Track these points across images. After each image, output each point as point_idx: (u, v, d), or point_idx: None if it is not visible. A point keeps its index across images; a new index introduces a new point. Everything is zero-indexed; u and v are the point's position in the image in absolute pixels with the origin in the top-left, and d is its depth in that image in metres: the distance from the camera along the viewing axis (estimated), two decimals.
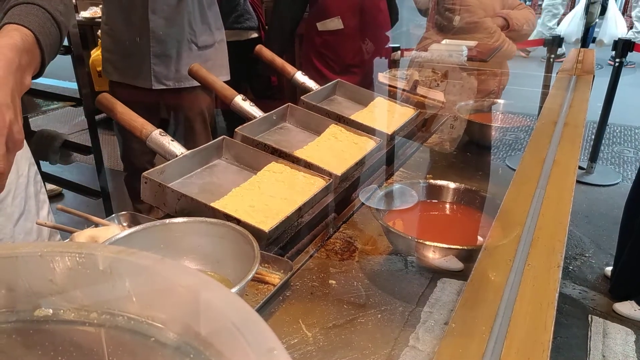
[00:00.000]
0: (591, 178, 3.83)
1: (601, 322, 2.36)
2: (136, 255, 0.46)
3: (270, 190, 1.09)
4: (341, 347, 0.78)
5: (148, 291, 0.46)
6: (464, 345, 0.58)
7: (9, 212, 1.06)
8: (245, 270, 0.78)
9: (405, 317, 0.85)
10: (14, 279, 0.46)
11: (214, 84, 1.39)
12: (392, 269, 1.00)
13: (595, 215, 3.33)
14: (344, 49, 2.68)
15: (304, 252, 1.02)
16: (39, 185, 1.17)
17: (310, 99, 1.50)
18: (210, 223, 0.89)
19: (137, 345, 0.45)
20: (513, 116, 1.76)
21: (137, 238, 0.86)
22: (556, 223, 0.82)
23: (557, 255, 0.73)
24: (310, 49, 2.77)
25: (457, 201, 1.13)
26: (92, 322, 0.46)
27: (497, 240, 0.81)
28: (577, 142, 1.17)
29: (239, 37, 3.44)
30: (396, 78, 1.89)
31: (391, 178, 1.37)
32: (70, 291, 0.47)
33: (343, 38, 2.64)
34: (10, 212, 1.06)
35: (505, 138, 1.48)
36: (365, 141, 1.36)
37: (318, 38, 2.69)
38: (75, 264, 0.47)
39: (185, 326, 0.43)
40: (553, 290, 0.65)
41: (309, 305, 0.88)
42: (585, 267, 2.80)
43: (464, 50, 2.15)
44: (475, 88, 1.94)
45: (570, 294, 2.58)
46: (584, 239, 3.05)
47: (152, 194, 1.03)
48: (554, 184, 0.96)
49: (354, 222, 1.16)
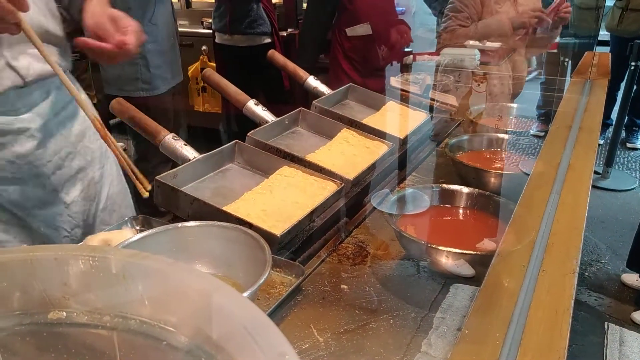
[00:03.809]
0: (607, 183, 3.78)
1: (617, 329, 2.31)
2: (149, 258, 0.46)
3: (282, 194, 1.09)
4: (353, 352, 0.78)
5: (160, 295, 0.46)
6: (477, 352, 0.57)
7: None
8: (257, 274, 0.77)
9: (417, 323, 0.85)
10: (28, 282, 0.47)
11: (226, 88, 1.40)
12: (404, 274, 0.99)
13: (611, 220, 3.28)
14: (372, 53, 2.80)
15: (316, 257, 1.02)
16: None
17: (323, 104, 1.50)
18: (222, 227, 0.89)
19: (149, 348, 0.45)
20: (527, 120, 1.74)
21: (149, 241, 0.86)
22: (571, 228, 0.81)
23: (572, 262, 0.72)
24: (338, 53, 2.87)
25: (470, 206, 1.11)
26: (105, 325, 0.46)
27: (511, 246, 0.80)
28: (593, 146, 1.15)
29: (252, 42, 3.46)
30: (408, 82, 1.88)
31: (403, 182, 1.36)
32: (84, 294, 0.47)
33: (371, 43, 2.77)
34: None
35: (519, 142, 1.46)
36: (377, 145, 1.36)
37: (347, 43, 2.82)
38: (88, 267, 0.47)
39: (197, 330, 0.43)
40: (568, 297, 0.64)
41: (321, 310, 0.88)
42: (601, 273, 2.76)
43: (477, 54, 2.14)
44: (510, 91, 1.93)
45: (586, 301, 2.54)
46: (600, 245, 3.01)
47: (164, 198, 1.04)
48: (569, 188, 0.95)
49: (365, 226, 1.15)
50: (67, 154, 1.13)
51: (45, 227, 1.09)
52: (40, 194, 1.07)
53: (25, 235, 1.07)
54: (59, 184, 1.11)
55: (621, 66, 3.81)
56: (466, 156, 1.41)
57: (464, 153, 1.43)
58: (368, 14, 2.73)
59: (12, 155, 1.02)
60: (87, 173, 1.19)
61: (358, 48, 2.80)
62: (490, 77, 2.01)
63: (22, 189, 1.04)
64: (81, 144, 1.17)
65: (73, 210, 1.15)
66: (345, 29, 2.79)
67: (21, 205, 1.04)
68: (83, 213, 1.18)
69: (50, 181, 1.08)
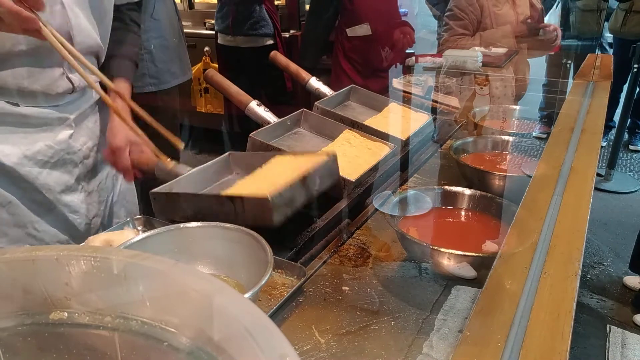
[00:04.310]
0: (609, 185, 3.77)
1: (620, 332, 2.31)
2: (150, 259, 0.46)
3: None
4: (354, 354, 0.78)
5: (162, 295, 0.46)
6: (479, 353, 0.57)
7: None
8: (259, 275, 0.77)
9: (419, 325, 0.85)
10: (30, 282, 0.47)
11: (228, 89, 1.40)
12: (406, 275, 0.99)
13: (614, 223, 3.28)
14: (372, 54, 2.79)
15: (318, 258, 1.02)
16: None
17: (325, 105, 1.50)
18: (224, 228, 0.89)
19: (150, 349, 0.45)
20: (529, 122, 1.74)
21: (151, 242, 0.86)
22: (574, 231, 0.81)
23: (574, 264, 0.72)
24: (339, 53, 2.87)
25: (473, 208, 1.11)
26: (106, 325, 0.46)
27: (513, 248, 0.80)
28: (595, 148, 1.15)
29: (255, 44, 3.47)
30: (410, 84, 1.88)
31: (405, 184, 1.36)
32: (85, 295, 0.47)
33: (371, 43, 2.76)
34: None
35: (521, 145, 1.46)
36: (379, 147, 1.36)
37: (347, 43, 2.81)
38: (90, 267, 0.47)
39: (198, 331, 0.43)
40: (570, 299, 0.64)
41: (322, 311, 0.88)
42: (603, 276, 2.76)
43: (479, 56, 2.14)
44: (513, 93, 1.92)
45: (588, 303, 2.53)
46: (602, 247, 3.00)
47: (162, 208, 1.04)
48: (571, 191, 0.94)
49: (367, 228, 1.15)
50: (93, 146, 1.22)
51: (69, 212, 1.16)
52: (67, 179, 1.15)
53: (52, 218, 1.14)
54: (82, 173, 1.19)
55: (624, 68, 3.81)
56: (470, 158, 1.41)
57: (468, 155, 1.43)
58: (368, 15, 2.72)
59: (52, 141, 1.11)
60: (104, 166, 1.28)
61: (358, 49, 2.80)
62: (493, 80, 2.01)
63: (55, 173, 1.13)
64: (101, 139, 1.25)
65: (93, 199, 1.23)
66: (345, 30, 2.79)
67: (52, 189, 1.12)
68: (100, 203, 1.26)
69: (77, 169, 1.17)
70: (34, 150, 1.08)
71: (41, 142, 1.09)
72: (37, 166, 1.09)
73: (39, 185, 1.10)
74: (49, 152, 1.10)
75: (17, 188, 1.08)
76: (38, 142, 1.08)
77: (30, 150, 1.07)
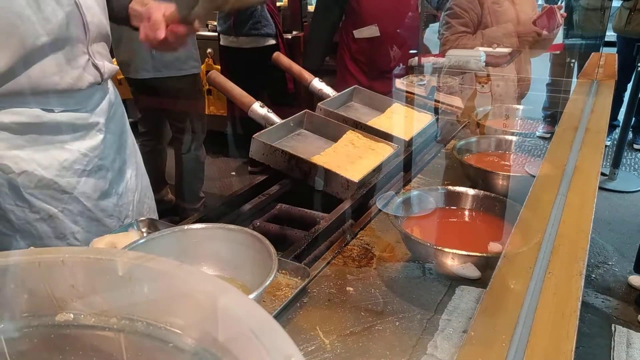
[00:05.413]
0: (614, 184, 3.76)
1: (625, 331, 2.30)
2: (155, 261, 0.47)
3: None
4: (359, 354, 0.78)
5: (166, 297, 0.46)
6: (483, 354, 0.57)
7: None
8: (263, 276, 0.78)
9: (423, 325, 0.85)
10: (36, 284, 0.47)
11: (231, 90, 1.41)
12: (409, 276, 0.99)
13: (618, 222, 3.27)
14: (379, 55, 2.76)
15: (322, 259, 1.02)
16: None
17: (328, 106, 1.50)
18: (228, 229, 0.90)
19: (155, 350, 0.45)
20: (533, 122, 1.73)
21: (155, 244, 0.86)
22: (578, 230, 0.81)
23: (579, 263, 0.72)
24: (345, 55, 2.85)
25: (476, 208, 1.11)
26: (112, 327, 0.47)
27: (517, 248, 0.80)
28: (599, 147, 1.15)
29: (256, 44, 3.48)
30: (413, 84, 1.88)
31: (409, 184, 1.36)
32: (91, 296, 0.47)
33: (378, 45, 2.73)
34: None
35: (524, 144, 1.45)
36: (383, 147, 1.36)
37: (354, 45, 2.79)
38: (95, 269, 0.47)
39: (203, 332, 0.43)
40: (575, 299, 0.64)
41: (327, 312, 0.88)
42: (608, 275, 2.75)
43: (482, 55, 2.13)
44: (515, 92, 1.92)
45: (593, 303, 2.52)
46: (607, 247, 2.99)
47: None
48: (576, 190, 0.94)
49: (371, 228, 1.15)
50: (118, 148, 1.24)
51: (106, 217, 1.18)
52: (102, 185, 1.17)
53: (90, 225, 1.16)
54: (113, 176, 1.21)
55: (628, 67, 3.79)
56: (474, 158, 1.41)
57: (471, 155, 1.43)
58: (375, 16, 2.70)
59: (86, 148, 1.12)
60: (128, 166, 1.29)
61: (365, 50, 2.78)
62: (494, 78, 2.00)
63: (91, 180, 1.14)
64: (123, 139, 1.27)
65: (123, 200, 1.25)
66: (353, 31, 2.77)
67: (90, 197, 1.14)
68: (129, 203, 1.28)
69: (110, 174, 1.19)
70: (70, 160, 1.09)
71: (76, 151, 1.10)
72: (75, 176, 1.10)
73: (77, 194, 1.11)
74: (84, 161, 1.12)
75: (57, 200, 1.09)
76: (73, 151, 1.10)
77: (67, 161, 1.09)
